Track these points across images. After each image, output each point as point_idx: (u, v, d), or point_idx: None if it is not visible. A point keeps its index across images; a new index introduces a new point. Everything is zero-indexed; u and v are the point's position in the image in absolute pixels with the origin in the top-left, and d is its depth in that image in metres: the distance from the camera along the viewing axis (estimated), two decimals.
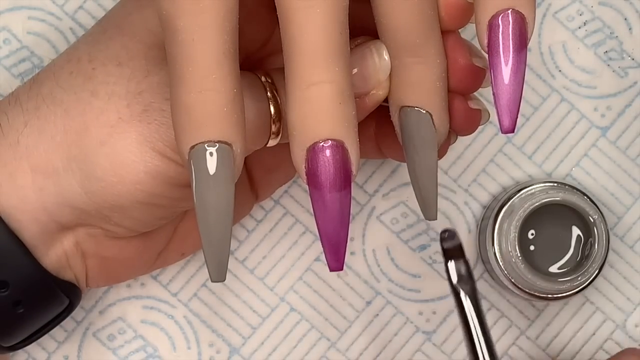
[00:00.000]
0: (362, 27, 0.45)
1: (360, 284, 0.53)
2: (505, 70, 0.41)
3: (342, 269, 0.41)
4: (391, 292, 0.53)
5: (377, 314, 0.53)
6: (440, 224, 0.53)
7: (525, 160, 0.53)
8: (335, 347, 0.53)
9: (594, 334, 0.53)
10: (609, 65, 0.53)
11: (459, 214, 0.53)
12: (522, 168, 0.53)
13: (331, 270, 0.41)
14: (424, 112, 0.42)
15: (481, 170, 0.53)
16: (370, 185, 0.53)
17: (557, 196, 0.50)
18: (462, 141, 0.53)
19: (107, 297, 0.52)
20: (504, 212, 0.51)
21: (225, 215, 0.39)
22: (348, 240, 0.42)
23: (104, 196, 0.43)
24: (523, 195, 0.51)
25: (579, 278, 0.50)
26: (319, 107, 0.39)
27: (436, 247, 0.53)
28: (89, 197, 0.43)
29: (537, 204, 0.50)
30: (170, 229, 0.48)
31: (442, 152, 0.45)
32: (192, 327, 0.52)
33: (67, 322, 0.52)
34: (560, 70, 0.53)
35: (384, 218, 0.53)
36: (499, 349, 0.53)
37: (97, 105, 0.43)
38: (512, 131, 0.41)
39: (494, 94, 0.41)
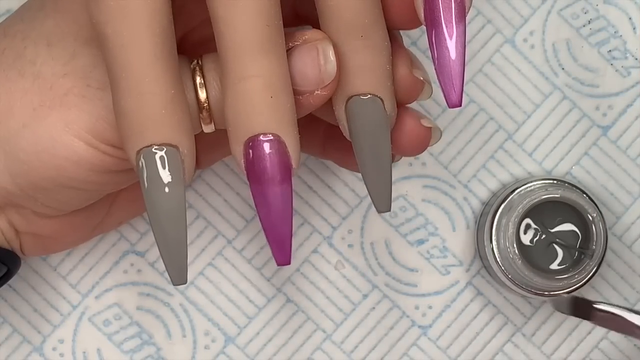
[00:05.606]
0: (301, 15, 0.44)
1: (357, 276, 0.53)
2: (451, 45, 0.40)
3: (289, 263, 0.41)
4: (388, 285, 0.53)
5: (374, 307, 0.53)
6: (439, 219, 0.53)
7: (526, 157, 0.53)
8: (330, 339, 0.53)
9: (590, 332, 0.53)
10: (612, 64, 0.53)
11: (458, 209, 0.53)
12: (522, 165, 0.53)
13: (278, 265, 0.41)
14: (378, 98, 0.41)
15: (481, 166, 0.53)
16: None
17: (557, 193, 0.50)
18: (462, 137, 0.53)
19: (104, 283, 0.52)
20: (503, 209, 0.51)
21: (178, 217, 0.39)
22: (293, 234, 0.42)
23: (27, 178, 0.43)
24: (522, 192, 0.51)
25: (576, 276, 0.50)
26: (250, 102, 0.39)
27: (434, 241, 0.53)
28: (13, 178, 0.43)
29: (536, 200, 0.50)
30: (106, 205, 0.48)
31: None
32: (188, 315, 0.52)
33: (63, 306, 0.52)
34: (563, 68, 0.53)
35: None
36: (494, 345, 0.53)
37: (22, 86, 0.42)
38: (460, 104, 0.40)
39: (436, 69, 0.40)
